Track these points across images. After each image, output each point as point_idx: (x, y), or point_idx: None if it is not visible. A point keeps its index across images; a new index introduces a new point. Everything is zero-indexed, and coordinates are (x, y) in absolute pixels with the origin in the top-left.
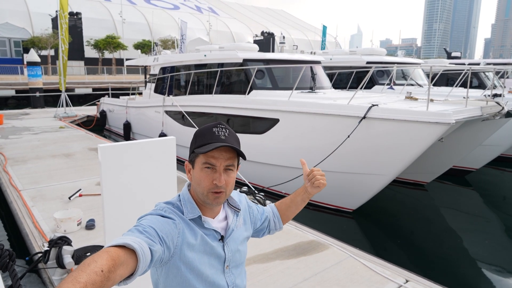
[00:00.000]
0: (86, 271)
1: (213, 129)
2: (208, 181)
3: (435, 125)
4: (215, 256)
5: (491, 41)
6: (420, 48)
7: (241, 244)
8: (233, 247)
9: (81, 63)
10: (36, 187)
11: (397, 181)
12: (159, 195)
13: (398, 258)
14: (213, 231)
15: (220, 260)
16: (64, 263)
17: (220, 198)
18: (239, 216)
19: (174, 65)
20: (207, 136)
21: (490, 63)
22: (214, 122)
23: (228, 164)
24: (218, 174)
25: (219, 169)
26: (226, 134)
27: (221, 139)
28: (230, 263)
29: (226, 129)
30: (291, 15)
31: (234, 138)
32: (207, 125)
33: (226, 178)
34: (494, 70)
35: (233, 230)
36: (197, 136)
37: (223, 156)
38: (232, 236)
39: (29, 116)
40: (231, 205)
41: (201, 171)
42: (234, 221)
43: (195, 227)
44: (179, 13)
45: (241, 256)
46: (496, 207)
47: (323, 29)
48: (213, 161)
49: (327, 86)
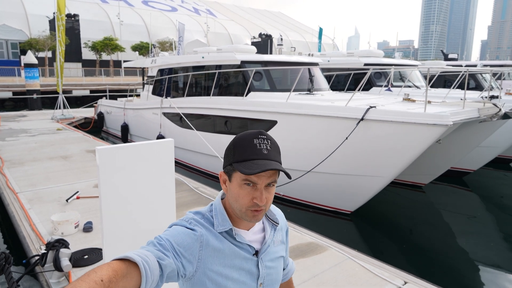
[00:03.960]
0: (86, 280)
1: (254, 141)
2: (247, 199)
3: (433, 126)
4: (247, 272)
5: (488, 43)
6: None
7: (277, 261)
8: (269, 264)
9: (79, 65)
10: (33, 189)
11: (395, 183)
12: (157, 197)
13: (396, 260)
14: (247, 246)
15: (253, 277)
16: (62, 266)
17: (259, 215)
18: (277, 231)
19: (172, 67)
20: (248, 150)
21: (487, 64)
22: (255, 131)
23: (270, 182)
24: (259, 192)
25: (260, 188)
26: (268, 147)
27: (264, 154)
28: (264, 280)
29: (268, 140)
30: (288, 17)
31: (276, 151)
32: (247, 134)
33: (267, 195)
34: (491, 71)
35: (269, 245)
36: (236, 146)
37: (265, 174)
38: (268, 252)
39: (26, 118)
40: (269, 218)
41: (240, 188)
42: (271, 235)
43: (225, 240)
44: (177, 15)
45: (277, 274)
46: (494, 208)
47: (319, 31)
48: (254, 179)
49: (325, 88)
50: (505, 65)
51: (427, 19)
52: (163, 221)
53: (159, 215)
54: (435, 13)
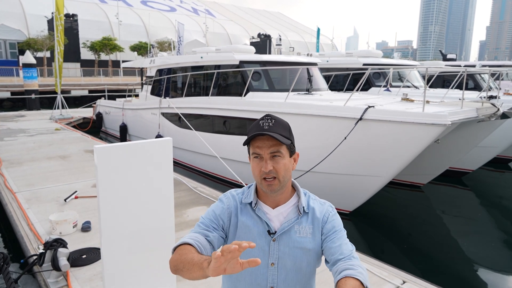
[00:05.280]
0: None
1: (260, 122)
2: (257, 169)
3: (431, 126)
4: (259, 247)
5: (486, 43)
6: (416, 50)
7: (296, 250)
8: (284, 248)
9: (77, 65)
10: (31, 189)
11: (394, 183)
12: (155, 197)
13: (395, 260)
14: (265, 222)
15: (265, 254)
16: (60, 266)
17: (274, 185)
18: (307, 222)
19: (170, 67)
20: (253, 129)
21: (485, 65)
22: (264, 115)
23: (272, 151)
24: (264, 162)
25: (265, 157)
26: (271, 124)
27: (264, 128)
28: (276, 262)
29: (271, 120)
30: (287, 17)
31: (280, 126)
32: (258, 119)
33: (274, 164)
34: (490, 72)
35: (289, 231)
36: (248, 130)
37: (265, 145)
38: (286, 236)
39: (25, 118)
40: (299, 205)
41: (252, 162)
42: (293, 221)
43: (247, 212)
44: (176, 15)
45: (294, 263)
46: (492, 208)
47: (317, 31)
48: (258, 151)
49: (324, 88)
50: (504, 65)
51: (426, 19)
52: (162, 220)
53: (158, 215)
54: (434, 14)
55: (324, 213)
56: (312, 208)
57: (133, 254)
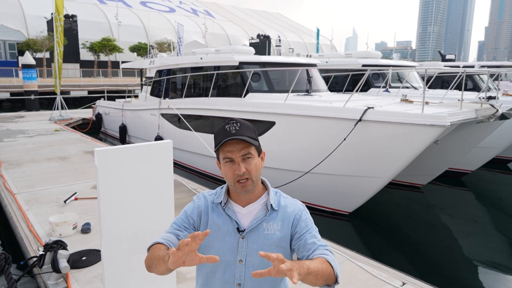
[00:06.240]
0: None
1: (225, 127)
2: (231, 173)
3: (430, 127)
4: (228, 245)
5: (485, 44)
6: (415, 51)
7: (266, 248)
8: (253, 245)
9: (77, 65)
10: (31, 190)
11: (393, 184)
12: (156, 198)
13: (395, 261)
14: (234, 221)
15: (233, 251)
16: (60, 268)
17: (247, 185)
18: (276, 220)
19: (170, 68)
20: (221, 135)
21: (484, 65)
22: (227, 120)
23: (243, 154)
24: (237, 165)
25: (237, 160)
26: (237, 128)
27: (232, 133)
28: (244, 259)
29: (237, 123)
30: (287, 18)
31: (246, 129)
32: (222, 124)
33: (247, 166)
34: (489, 72)
35: (257, 228)
36: (215, 136)
37: (236, 148)
38: (255, 233)
39: (24, 119)
40: (267, 203)
41: (224, 166)
42: (260, 218)
43: (217, 211)
44: (175, 16)
45: (263, 259)
46: (492, 208)
47: (317, 32)
48: (229, 155)
49: (323, 89)
50: (502, 66)
51: (425, 20)
52: (162, 222)
53: (158, 216)
54: (433, 14)
55: (296, 212)
56: (283, 206)
57: (133, 256)
